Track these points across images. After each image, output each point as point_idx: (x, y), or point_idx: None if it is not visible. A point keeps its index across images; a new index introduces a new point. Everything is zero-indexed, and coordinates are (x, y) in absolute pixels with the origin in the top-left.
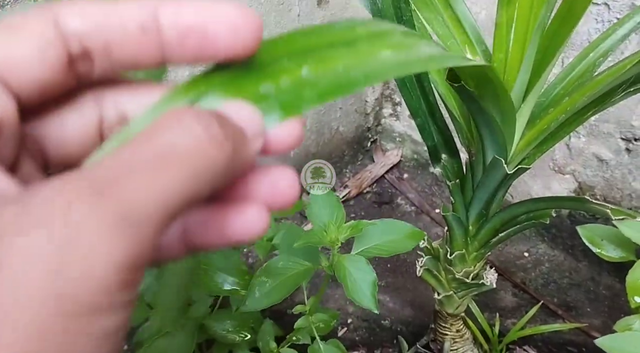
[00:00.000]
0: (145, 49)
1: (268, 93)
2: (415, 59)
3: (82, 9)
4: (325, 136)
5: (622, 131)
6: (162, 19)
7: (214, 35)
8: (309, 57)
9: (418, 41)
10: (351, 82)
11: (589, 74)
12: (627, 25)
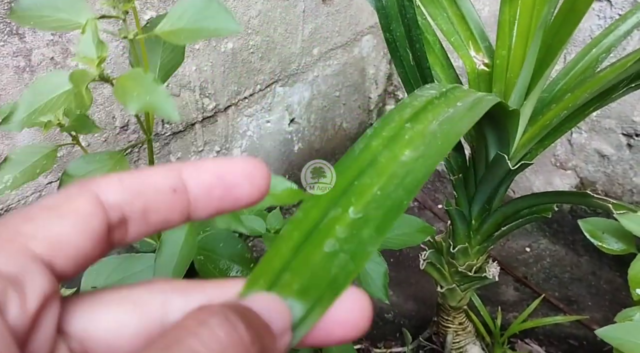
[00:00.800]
0: (177, 209)
1: (334, 249)
2: (433, 142)
3: (120, 180)
4: (329, 132)
5: (624, 127)
6: (188, 179)
7: (234, 185)
8: (347, 196)
9: (430, 116)
10: (396, 204)
11: (591, 70)
12: (630, 22)
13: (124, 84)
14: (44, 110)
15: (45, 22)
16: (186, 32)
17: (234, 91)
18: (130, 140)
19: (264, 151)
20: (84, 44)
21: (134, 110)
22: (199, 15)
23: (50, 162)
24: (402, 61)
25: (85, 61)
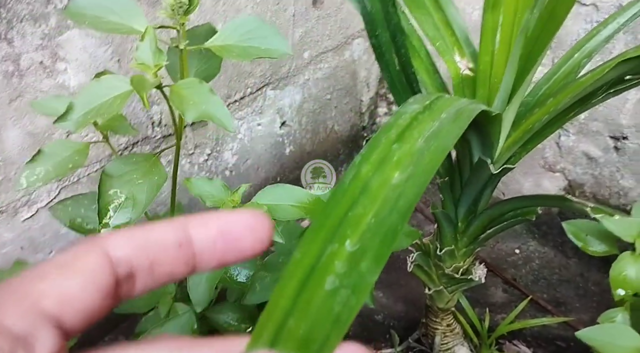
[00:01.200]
0: (182, 262)
1: (335, 286)
2: (421, 160)
3: (128, 235)
4: (321, 135)
5: (611, 129)
6: (193, 233)
7: (237, 239)
8: (342, 229)
9: (416, 133)
10: (391, 230)
11: (573, 75)
12: (610, 27)
13: (181, 93)
14: (100, 112)
15: (100, 23)
16: (237, 49)
17: (224, 95)
18: (155, 136)
19: (255, 154)
20: (142, 51)
21: (192, 117)
22: (251, 34)
23: (82, 159)
24: (388, 66)
25: (143, 68)
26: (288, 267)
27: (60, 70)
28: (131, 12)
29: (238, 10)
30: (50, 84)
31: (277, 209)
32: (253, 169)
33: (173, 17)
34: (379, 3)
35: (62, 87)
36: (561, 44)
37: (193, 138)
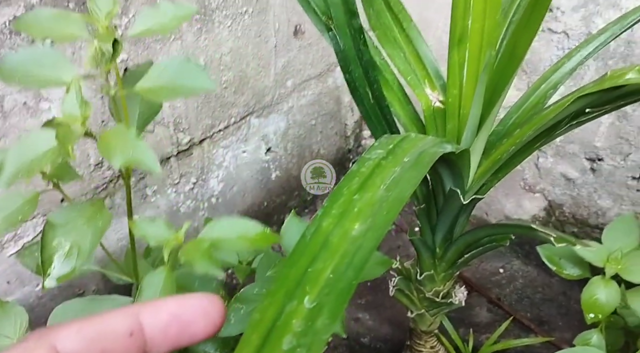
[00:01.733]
0: (134, 350)
1: (292, 345)
2: (380, 211)
3: (78, 328)
4: (307, 159)
5: (586, 151)
6: (145, 320)
7: (189, 323)
8: (302, 286)
9: (378, 180)
10: (347, 285)
11: (540, 105)
12: (574, 59)
13: (108, 140)
14: (31, 167)
15: (30, 79)
16: (165, 90)
17: (208, 125)
18: (105, 176)
19: (241, 180)
20: (68, 103)
21: (118, 164)
22: (177, 74)
23: (32, 208)
24: (363, 100)
25: (70, 120)
26: (247, 328)
27: (44, 109)
28: (61, 65)
29: (219, 45)
30: (34, 123)
31: (222, 243)
32: (239, 196)
33: (97, 66)
34: (350, 41)
35: None
36: (536, 69)
37: (178, 168)
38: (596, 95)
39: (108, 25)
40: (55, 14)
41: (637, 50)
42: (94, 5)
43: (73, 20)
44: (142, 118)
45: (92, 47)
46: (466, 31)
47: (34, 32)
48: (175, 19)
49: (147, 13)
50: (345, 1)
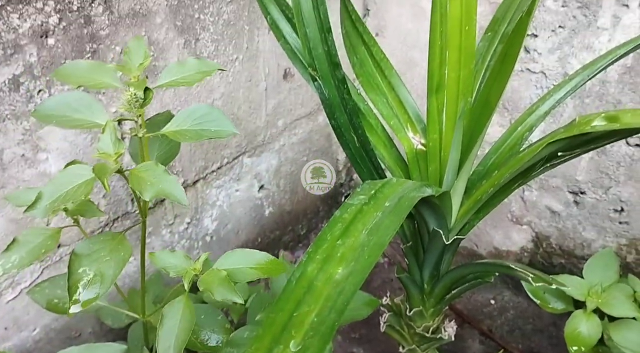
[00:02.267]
0: None
1: None
2: (362, 255)
3: None
4: (300, 194)
5: (569, 185)
6: None
7: None
8: (288, 330)
9: (360, 225)
10: (329, 327)
11: (517, 146)
12: (548, 103)
13: (139, 175)
14: (66, 199)
15: (66, 121)
16: (190, 133)
17: (201, 166)
18: (100, 220)
19: (234, 218)
20: (103, 141)
21: (149, 196)
22: (202, 119)
23: (54, 243)
24: (348, 144)
25: (105, 157)
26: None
27: (42, 159)
28: (93, 109)
29: (211, 91)
30: (32, 173)
31: (236, 273)
32: (233, 233)
33: (131, 111)
34: (335, 90)
35: (43, 175)
36: (517, 107)
37: (172, 209)
38: (566, 141)
39: (140, 75)
40: (90, 65)
41: (611, 89)
42: (128, 57)
43: (106, 71)
44: (160, 161)
45: (127, 94)
46: (443, 80)
47: (71, 81)
48: (199, 73)
49: (173, 67)
50: (328, 54)
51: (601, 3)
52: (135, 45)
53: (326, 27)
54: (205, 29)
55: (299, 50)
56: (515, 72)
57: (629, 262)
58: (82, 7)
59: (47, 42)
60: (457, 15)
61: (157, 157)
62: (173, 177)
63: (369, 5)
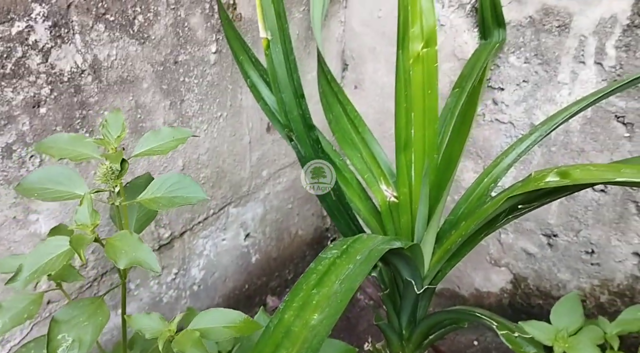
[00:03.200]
0: None
1: None
2: (335, 301)
3: None
4: (286, 241)
5: (542, 228)
6: None
7: None
8: None
9: (334, 277)
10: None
11: (484, 197)
12: (512, 155)
13: (114, 244)
14: (45, 270)
15: (47, 194)
16: (163, 200)
17: (188, 218)
18: (89, 276)
19: (221, 267)
20: (80, 213)
21: (123, 265)
22: (175, 186)
23: (36, 308)
24: (325, 198)
25: (82, 228)
26: None
27: (32, 221)
28: (74, 180)
29: (196, 147)
30: (23, 234)
31: (211, 332)
32: (221, 281)
33: (107, 183)
34: (310, 149)
35: (34, 235)
36: (489, 154)
37: (160, 260)
38: (524, 195)
39: (117, 147)
40: (71, 138)
41: (574, 139)
42: (106, 130)
43: (86, 144)
44: (139, 223)
45: (103, 167)
46: (410, 138)
47: (53, 154)
48: (174, 141)
49: (149, 136)
50: (303, 117)
51: (560, 60)
52: (113, 118)
53: (300, 93)
54: (190, 90)
55: (277, 110)
56: (486, 122)
57: (603, 303)
58: (72, 77)
59: (39, 111)
60: (419, 80)
61: (137, 219)
62: (146, 246)
63: (348, 60)
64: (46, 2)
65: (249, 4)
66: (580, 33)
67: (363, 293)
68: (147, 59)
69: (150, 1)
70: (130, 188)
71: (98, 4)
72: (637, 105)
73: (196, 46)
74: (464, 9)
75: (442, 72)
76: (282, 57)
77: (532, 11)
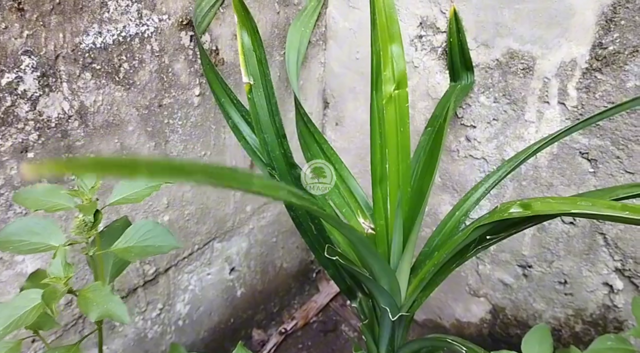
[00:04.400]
0: None
1: None
2: None
3: None
4: (271, 274)
5: (517, 259)
6: None
7: None
8: None
9: None
10: None
11: (456, 229)
12: (481, 190)
13: (86, 296)
14: (19, 323)
15: (22, 247)
16: (136, 249)
17: (173, 254)
18: (74, 313)
19: (207, 301)
20: (54, 266)
21: (94, 317)
22: (147, 235)
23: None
24: (307, 232)
25: (54, 281)
26: None
27: (19, 261)
28: (50, 231)
29: (181, 184)
30: (9, 274)
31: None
32: (206, 315)
33: (81, 234)
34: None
35: (20, 275)
36: (464, 188)
37: (145, 296)
38: (491, 225)
39: (91, 198)
40: (47, 189)
41: (543, 174)
42: (81, 181)
43: (62, 195)
44: (115, 268)
45: (77, 220)
46: (385, 173)
47: (30, 205)
48: (148, 189)
49: (124, 184)
50: (285, 156)
51: (526, 100)
52: None
53: (282, 133)
54: (174, 131)
55: (259, 150)
56: (461, 157)
57: (578, 332)
58: (59, 123)
59: (26, 156)
60: (392, 119)
61: (114, 264)
62: (116, 298)
63: (329, 99)
64: (35, 54)
65: (230, 49)
66: (543, 75)
67: (347, 325)
68: (132, 103)
69: (135, 50)
70: (108, 233)
71: (85, 54)
72: (600, 142)
73: (180, 90)
74: (435, 52)
75: (418, 111)
76: (264, 100)
77: (498, 55)
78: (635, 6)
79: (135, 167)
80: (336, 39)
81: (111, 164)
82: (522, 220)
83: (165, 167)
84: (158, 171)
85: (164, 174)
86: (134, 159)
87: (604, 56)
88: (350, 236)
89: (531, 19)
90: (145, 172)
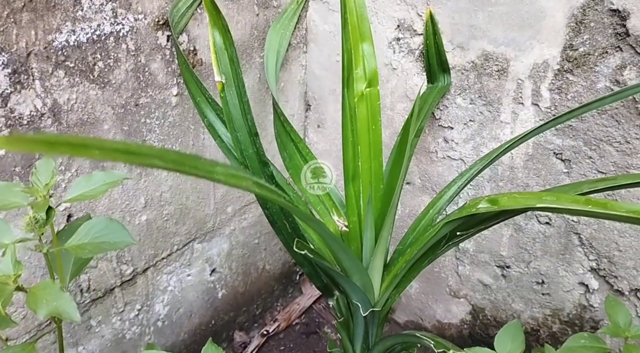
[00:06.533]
0: None
1: None
2: None
3: None
4: (253, 276)
5: (496, 260)
6: None
7: None
8: None
9: None
10: None
11: (429, 227)
12: (454, 188)
13: (36, 293)
14: None
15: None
16: (90, 246)
17: (151, 255)
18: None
19: (187, 302)
20: (4, 263)
21: (43, 315)
22: (102, 232)
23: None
24: (281, 230)
25: (4, 279)
26: None
27: None
28: (1, 229)
29: (159, 184)
30: None
31: None
32: (186, 316)
33: (32, 231)
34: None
35: None
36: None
37: (122, 297)
38: (460, 221)
39: (46, 194)
40: (1, 186)
41: (519, 174)
42: (36, 178)
43: (16, 192)
44: (75, 266)
45: (26, 217)
46: (357, 170)
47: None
48: (105, 185)
49: (81, 181)
50: (257, 154)
51: (501, 101)
52: (44, 165)
53: (254, 131)
54: (151, 131)
55: (233, 148)
56: (439, 159)
57: (555, 332)
58: (31, 120)
59: None
60: (364, 117)
61: (75, 262)
62: (67, 295)
63: (310, 101)
64: (6, 51)
65: (208, 50)
66: (517, 77)
67: (330, 327)
68: (107, 102)
69: (110, 48)
70: (68, 231)
71: (58, 52)
72: (572, 142)
73: (157, 89)
74: (413, 54)
75: (397, 112)
76: (236, 99)
77: (473, 57)
78: (604, 8)
79: (86, 145)
80: (317, 41)
81: (62, 142)
82: (490, 215)
83: (120, 149)
84: (111, 152)
85: (118, 155)
86: (85, 138)
87: (574, 57)
88: (320, 231)
89: (504, 21)
90: (97, 152)
